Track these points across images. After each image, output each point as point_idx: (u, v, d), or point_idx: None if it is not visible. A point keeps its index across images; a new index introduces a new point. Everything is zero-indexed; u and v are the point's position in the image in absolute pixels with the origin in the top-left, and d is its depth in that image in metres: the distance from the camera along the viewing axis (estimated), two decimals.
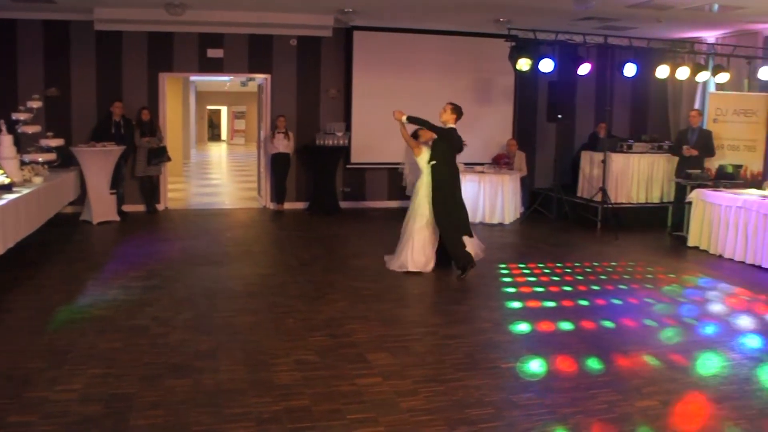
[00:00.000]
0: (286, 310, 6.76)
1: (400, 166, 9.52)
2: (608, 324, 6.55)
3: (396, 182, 13.81)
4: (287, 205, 13.35)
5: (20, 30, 12.37)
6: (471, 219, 11.95)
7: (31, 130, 10.24)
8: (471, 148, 12.77)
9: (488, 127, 13.92)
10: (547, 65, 11.41)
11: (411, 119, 8.34)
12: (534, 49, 11.43)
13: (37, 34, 12.43)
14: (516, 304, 7.16)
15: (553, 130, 13.97)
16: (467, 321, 6.57)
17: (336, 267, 8.86)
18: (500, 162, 12.95)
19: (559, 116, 12.58)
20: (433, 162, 8.42)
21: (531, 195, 13.61)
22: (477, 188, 12.11)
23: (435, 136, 8.49)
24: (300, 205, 13.54)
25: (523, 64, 11.41)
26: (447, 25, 13.28)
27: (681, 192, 11.11)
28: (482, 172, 12.30)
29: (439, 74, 13.72)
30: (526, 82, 13.98)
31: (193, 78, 24.38)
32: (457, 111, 8.57)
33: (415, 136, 8.81)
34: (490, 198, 12.10)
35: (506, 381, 5.07)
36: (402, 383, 4.95)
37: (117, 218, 11.73)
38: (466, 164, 12.37)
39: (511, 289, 7.77)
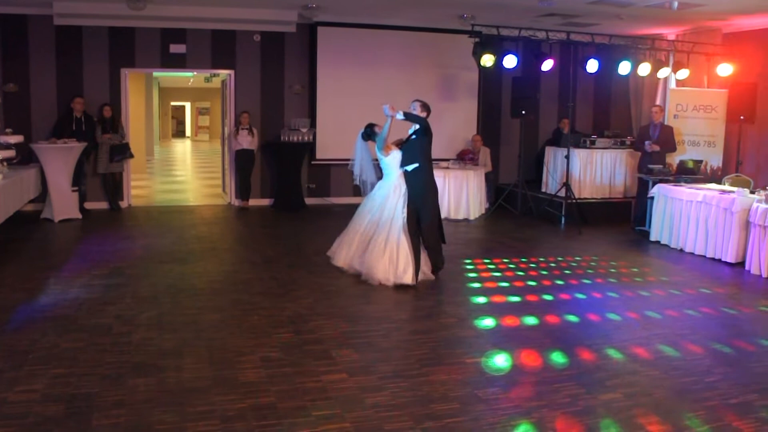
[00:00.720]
0: (251, 307, 6.72)
1: (350, 163, 8.72)
2: (572, 318, 6.61)
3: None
4: (252, 202, 13.27)
5: None
6: None
7: None
8: (436, 144, 12.75)
9: (453, 123, 13.95)
10: (510, 61, 11.48)
11: (407, 115, 7.94)
12: (497, 45, 11.49)
13: None
14: (481, 300, 7.21)
15: (517, 125, 14.03)
16: (432, 316, 6.58)
17: (301, 263, 8.81)
18: (465, 158, 13.01)
19: (523, 112, 12.67)
20: (416, 165, 7.95)
21: (496, 190, 13.69)
22: (442, 184, 12.08)
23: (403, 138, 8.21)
24: (265, 202, 13.48)
25: (487, 60, 11.45)
26: (411, 21, 13.28)
27: (644, 187, 11.24)
28: (447, 168, 12.34)
29: (403, 70, 13.73)
30: (490, 78, 14.04)
31: (157, 74, 24.14)
32: (427, 108, 8.28)
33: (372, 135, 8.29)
34: (455, 194, 12.14)
35: (471, 376, 5.10)
36: (367, 379, 4.95)
37: (79, 216, 11.58)
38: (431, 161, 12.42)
39: (476, 285, 7.81)
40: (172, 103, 40.51)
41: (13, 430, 4.15)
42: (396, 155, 8.01)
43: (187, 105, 41.71)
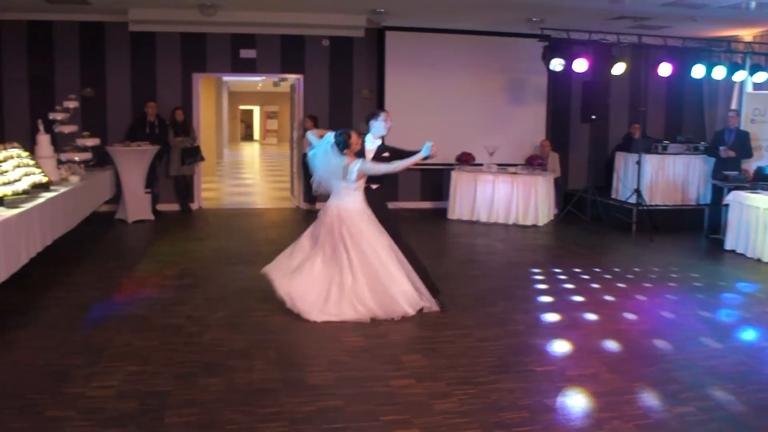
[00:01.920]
0: None
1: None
2: (644, 328, 6.47)
3: (429, 183, 13.83)
4: (319, 205, 13.32)
5: (56, 31, 12.56)
6: (504, 220, 12.00)
7: (67, 129, 10.39)
8: (504, 149, 12.76)
9: (521, 128, 13.85)
10: (580, 65, 11.34)
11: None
12: (567, 49, 11.37)
13: (73, 36, 12.61)
14: (550, 307, 7.10)
15: (586, 130, 13.84)
16: (500, 323, 6.51)
17: None
18: (534, 163, 12.86)
19: (593, 117, 12.47)
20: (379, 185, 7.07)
21: (565, 196, 13.50)
22: (510, 190, 12.04)
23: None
24: None
25: (557, 64, 11.34)
26: (479, 25, 13.23)
27: (717, 194, 10.97)
28: (515, 174, 12.23)
29: (471, 74, 13.68)
30: (559, 82, 13.86)
31: (226, 78, 24.53)
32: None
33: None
34: (524, 199, 12.02)
35: (540, 384, 5.02)
36: (435, 385, 4.93)
37: (151, 217, 11.84)
38: (499, 165, 12.36)
39: (545, 292, 7.71)
40: (241, 107, 41.12)
41: (90, 423, 4.26)
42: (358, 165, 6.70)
43: (256, 109, 42.28)
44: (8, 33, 12.48)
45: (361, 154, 6.86)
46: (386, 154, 7.02)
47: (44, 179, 8.33)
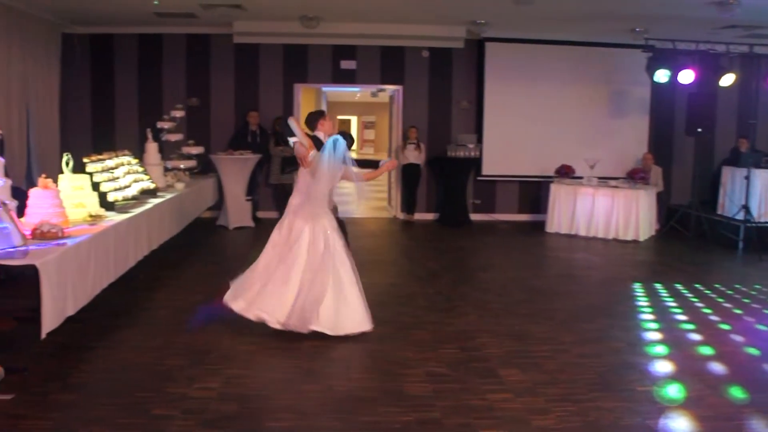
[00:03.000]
0: (416, 321, 6.77)
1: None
2: (752, 351, 6.21)
3: (527, 195, 13.68)
4: (417, 216, 13.40)
5: (165, 43, 13.05)
6: (604, 235, 11.75)
7: (174, 138, 10.77)
8: (604, 162, 12.51)
9: (622, 141, 13.55)
10: (686, 76, 11.05)
11: None
12: (672, 60, 11.10)
13: (181, 47, 13.07)
14: (652, 325, 6.89)
15: (691, 144, 13.43)
16: (600, 340, 6.36)
17: (465, 279, 8.82)
18: (635, 177, 12.53)
19: (699, 130, 12.10)
20: None
21: (668, 211, 13.12)
22: (610, 203, 11.78)
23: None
24: (430, 216, 13.57)
25: (661, 75, 11.09)
26: (580, 35, 13.00)
27: None
28: (616, 187, 11.95)
29: (571, 86, 13.47)
30: (662, 94, 13.48)
31: (325, 88, 24.85)
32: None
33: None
34: (624, 213, 11.72)
35: (642, 404, 4.87)
36: (534, 401, 4.86)
37: (252, 224, 12.11)
38: (599, 178, 12.11)
39: (646, 309, 7.49)
40: (339, 117, 41.59)
41: (192, 423, 4.40)
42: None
43: (353, 119, 42.68)
44: (120, 46, 13.05)
45: None
46: None
47: (152, 185, 8.65)
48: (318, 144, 6.73)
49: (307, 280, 6.14)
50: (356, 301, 6.26)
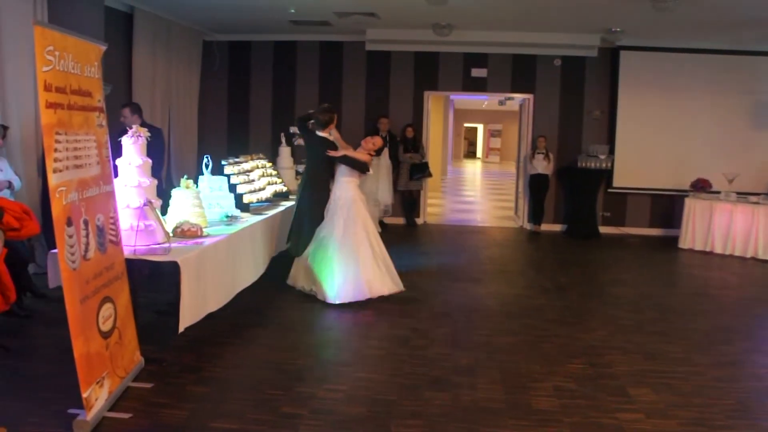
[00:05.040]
0: (544, 333, 6.65)
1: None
2: None
3: (659, 209, 13.25)
4: (544, 227, 13.20)
5: (299, 51, 13.40)
6: (742, 253, 11.19)
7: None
8: (744, 176, 11.96)
9: (764, 154, 12.89)
10: None
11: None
12: None
13: (314, 54, 13.39)
14: None
15: None
16: (738, 364, 6.05)
17: (594, 293, 8.61)
18: None
19: None
20: None
21: None
22: (750, 220, 11.21)
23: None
24: (557, 227, 13.34)
25: None
26: (718, 44, 12.45)
27: None
28: (757, 203, 11.37)
29: (709, 96, 12.91)
30: None
31: (453, 96, 24.89)
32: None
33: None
34: (765, 231, 11.09)
35: None
36: (666, 423, 4.67)
37: (379, 229, 12.18)
38: (738, 194, 11.57)
39: None
40: (465, 125, 41.56)
41: (321, 423, 4.48)
42: None
43: (480, 126, 42.56)
44: (257, 53, 13.48)
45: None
46: None
47: (284, 189, 8.87)
48: (328, 144, 7.72)
49: None
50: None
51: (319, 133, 7.75)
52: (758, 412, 4.97)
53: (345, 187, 7.65)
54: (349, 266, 7.32)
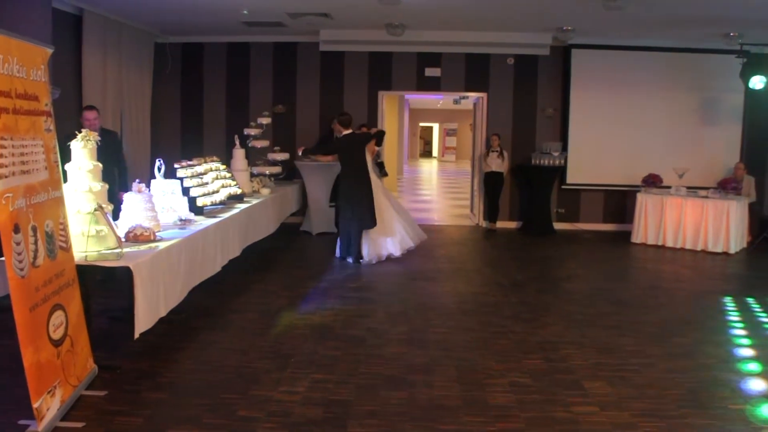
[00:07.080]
0: (500, 330, 6.71)
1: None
2: None
3: (611, 204, 13.43)
4: (499, 224, 13.30)
5: (253, 52, 13.34)
6: (692, 246, 11.41)
7: (260, 144, 10.98)
8: (693, 171, 12.19)
9: (713, 150, 13.16)
10: None
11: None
12: None
13: (268, 55, 13.34)
14: (744, 341, 6.66)
15: None
16: (689, 355, 6.17)
17: (549, 289, 8.71)
18: (727, 187, 12.16)
19: None
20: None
21: (760, 222, 12.66)
22: (700, 214, 11.44)
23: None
24: (512, 225, 13.46)
25: (757, 81, 10.74)
26: (669, 41, 12.67)
27: None
28: (706, 197, 11.61)
29: (660, 93, 13.15)
30: (757, 101, 12.99)
31: (408, 96, 24.95)
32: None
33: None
34: (715, 225, 11.35)
35: (734, 424, 4.69)
36: (620, 415, 4.75)
37: (335, 230, 12.18)
38: (688, 188, 11.80)
39: (738, 324, 7.24)
40: (421, 124, 41.70)
41: (277, 426, 4.46)
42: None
43: (435, 126, 42.74)
44: (210, 54, 13.40)
45: None
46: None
47: (239, 191, 8.81)
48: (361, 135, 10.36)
49: None
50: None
51: (345, 132, 10.00)
52: (709, 401, 5.07)
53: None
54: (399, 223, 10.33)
